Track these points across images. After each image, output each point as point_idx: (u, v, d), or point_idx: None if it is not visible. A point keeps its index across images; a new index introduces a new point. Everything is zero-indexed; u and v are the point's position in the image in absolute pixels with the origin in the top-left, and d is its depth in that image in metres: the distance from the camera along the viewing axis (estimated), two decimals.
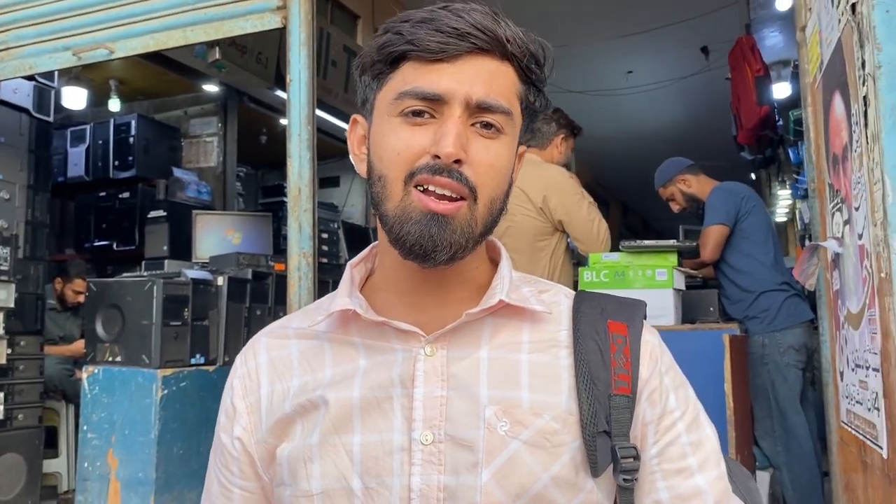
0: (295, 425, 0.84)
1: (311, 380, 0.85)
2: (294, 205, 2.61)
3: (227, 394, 0.92)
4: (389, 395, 0.81)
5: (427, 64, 0.78)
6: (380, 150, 0.82)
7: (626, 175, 12.28)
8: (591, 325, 0.84)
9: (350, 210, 7.14)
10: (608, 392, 0.80)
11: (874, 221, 1.44)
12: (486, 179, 0.79)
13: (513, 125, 0.83)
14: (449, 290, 0.86)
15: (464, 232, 0.79)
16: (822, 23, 1.88)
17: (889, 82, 1.34)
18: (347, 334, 0.86)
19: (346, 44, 5.86)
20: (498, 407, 0.78)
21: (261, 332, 0.95)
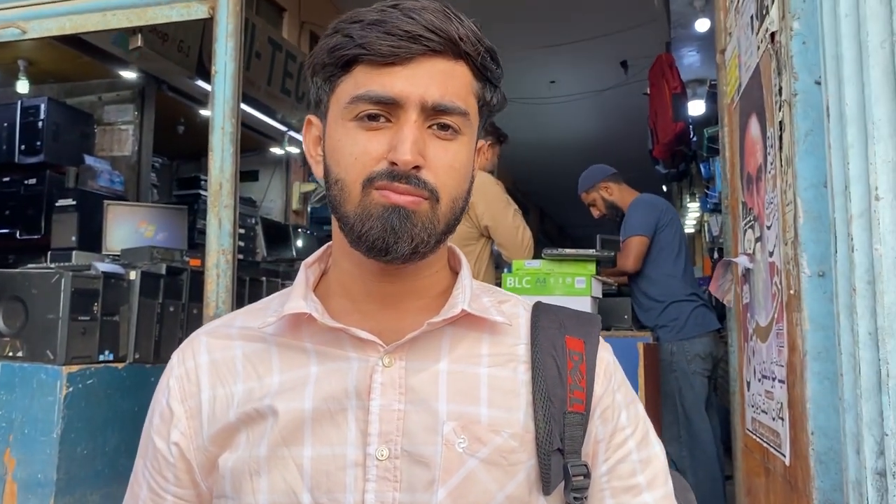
0: (239, 435, 0.79)
1: (257, 386, 0.81)
2: (214, 200, 2.54)
3: (161, 394, 0.87)
4: (343, 407, 0.78)
5: (379, 67, 0.77)
6: (336, 154, 0.80)
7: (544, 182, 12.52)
8: (550, 340, 0.84)
9: (269, 206, 7.00)
10: (563, 409, 0.80)
11: (785, 240, 1.52)
12: (446, 180, 0.79)
13: (470, 125, 0.82)
14: (407, 298, 0.84)
15: (425, 227, 0.77)
16: (742, 47, 1.97)
17: (804, 109, 1.42)
18: (298, 339, 0.83)
19: (271, 36, 5.76)
20: (457, 423, 0.77)
21: (200, 331, 0.90)
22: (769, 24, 1.58)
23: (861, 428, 1.14)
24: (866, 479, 1.13)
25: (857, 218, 1.16)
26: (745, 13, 1.90)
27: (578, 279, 2.74)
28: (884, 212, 1.11)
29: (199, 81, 4.94)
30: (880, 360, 1.11)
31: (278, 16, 6.58)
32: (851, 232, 1.17)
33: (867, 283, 1.14)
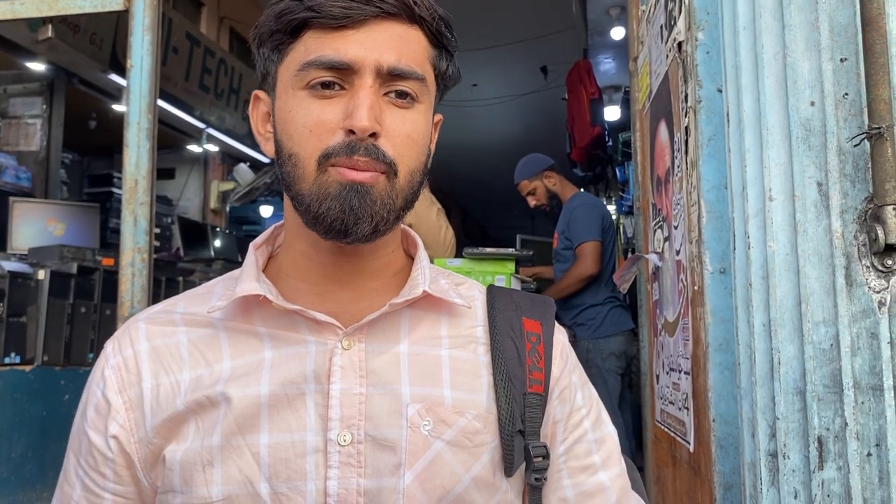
0: (187, 425, 0.75)
1: (206, 373, 0.76)
2: (130, 197, 2.48)
3: (95, 386, 0.80)
4: (301, 392, 0.74)
5: (331, 31, 0.73)
6: (288, 128, 0.75)
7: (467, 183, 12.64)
8: (507, 321, 0.83)
9: (186, 204, 6.84)
10: (523, 390, 0.80)
11: (690, 239, 1.60)
12: (403, 151, 0.75)
13: (428, 92, 0.79)
14: (364, 278, 0.81)
15: (384, 203, 0.74)
16: (652, 56, 2.06)
17: (707, 115, 1.50)
18: (249, 323, 0.79)
19: (189, 31, 5.63)
20: (421, 405, 0.75)
21: (136, 318, 0.83)
22: (677, 34, 1.67)
23: (756, 413, 1.22)
24: (760, 461, 1.21)
25: (752, 217, 1.24)
26: (655, 23, 1.99)
27: (498, 277, 2.80)
28: (777, 211, 1.20)
29: (112, 75, 4.78)
30: (772, 350, 1.19)
31: (196, 11, 6.44)
32: (748, 230, 1.25)
33: (762, 278, 1.22)
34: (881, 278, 1.12)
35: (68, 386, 3.26)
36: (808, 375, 1.14)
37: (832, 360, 1.13)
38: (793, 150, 1.19)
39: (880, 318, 1.11)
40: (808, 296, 1.15)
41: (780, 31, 1.21)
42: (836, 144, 1.15)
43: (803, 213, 1.17)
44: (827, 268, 1.15)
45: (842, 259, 1.13)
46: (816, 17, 1.18)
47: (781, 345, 1.17)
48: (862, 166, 1.14)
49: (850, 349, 1.11)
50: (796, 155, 1.18)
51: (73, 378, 3.29)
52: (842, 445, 1.11)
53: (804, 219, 1.17)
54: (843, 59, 1.17)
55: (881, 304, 1.12)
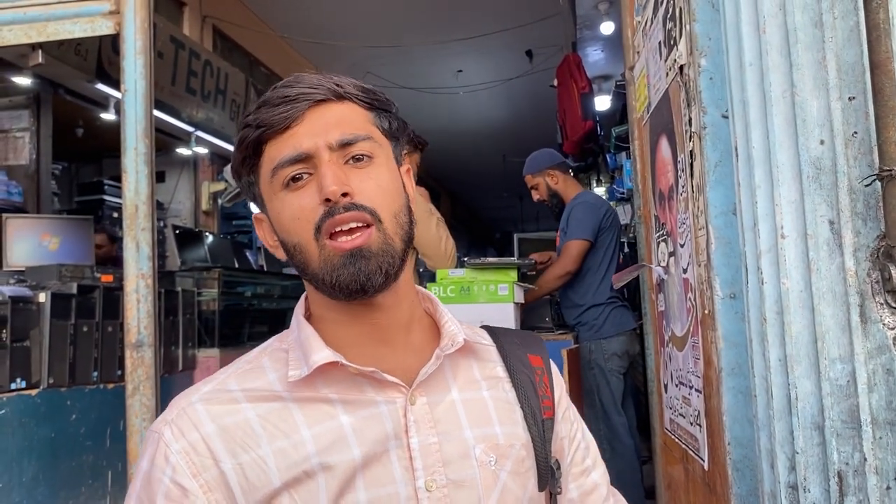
0: (282, 498, 0.79)
1: (287, 444, 0.81)
2: (131, 223, 2.48)
3: (160, 473, 0.81)
4: (386, 449, 0.82)
5: (282, 135, 0.84)
6: (283, 225, 0.86)
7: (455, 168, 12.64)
8: (518, 359, 0.95)
9: (177, 207, 6.81)
10: (541, 418, 0.92)
11: (699, 262, 1.62)
12: (378, 200, 0.84)
13: (380, 147, 0.88)
14: (398, 334, 0.89)
15: (385, 252, 0.83)
16: (650, 69, 2.07)
17: (713, 142, 1.52)
18: (315, 390, 0.84)
19: (172, 34, 5.58)
20: (484, 445, 0.86)
21: (187, 399, 0.85)
22: (677, 57, 1.68)
23: (774, 445, 1.25)
24: (780, 493, 1.24)
25: (765, 253, 1.26)
26: (652, 37, 2.00)
27: (501, 286, 2.82)
28: (790, 249, 1.22)
29: (98, 84, 4.74)
30: (789, 385, 1.21)
31: (178, 12, 6.38)
32: (761, 265, 1.27)
33: (776, 313, 1.24)
34: (895, 315, 1.14)
35: (75, 406, 3.27)
36: (825, 411, 1.16)
37: (849, 397, 1.15)
38: (804, 187, 1.20)
39: (895, 354, 1.13)
40: (823, 333, 1.17)
41: (787, 69, 1.23)
42: (847, 183, 1.17)
43: (816, 251, 1.19)
44: (841, 305, 1.17)
45: (856, 297, 1.15)
46: (824, 56, 1.19)
47: (798, 380, 1.20)
48: (873, 205, 1.16)
49: (866, 385, 1.14)
50: (807, 193, 1.20)
51: (79, 398, 3.30)
52: (861, 480, 1.14)
53: (817, 257, 1.18)
54: (852, 97, 1.18)
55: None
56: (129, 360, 2.46)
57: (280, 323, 5.70)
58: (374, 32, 7.88)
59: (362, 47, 8.19)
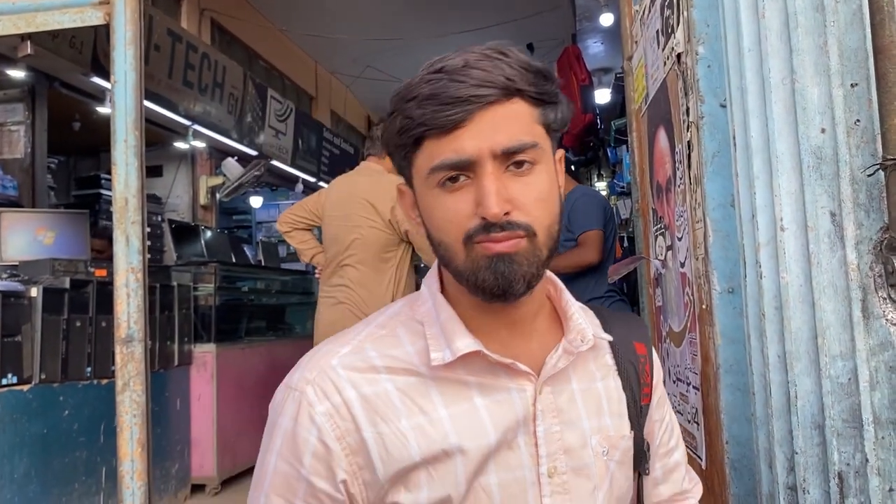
0: (419, 473, 0.83)
1: (425, 423, 0.84)
2: (121, 216, 2.43)
3: (305, 431, 0.84)
4: (515, 435, 0.86)
5: (446, 135, 0.81)
6: (432, 221, 0.85)
7: None
8: (625, 348, 0.97)
9: (175, 202, 6.78)
10: (640, 405, 0.96)
11: (696, 255, 1.58)
12: (537, 214, 0.83)
13: (543, 151, 0.85)
14: (528, 323, 0.91)
15: (531, 262, 0.82)
16: (648, 59, 2.02)
17: (711, 132, 1.47)
18: (454, 372, 0.86)
19: (170, 27, 5.53)
20: (599, 436, 0.90)
21: (329, 362, 0.87)
22: (675, 45, 1.63)
23: (773, 445, 1.21)
24: (779, 494, 1.19)
25: (764, 246, 1.22)
26: (650, 26, 1.95)
27: None
28: (789, 241, 1.17)
29: (94, 78, 4.70)
30: (789, 383, 1.17)
31: (176, 5, 6.34)
32: (759, 259, 1.22)
33: (775, 308, 1.20)
34: None
35: (68, 402, 3.23)
36: (826, 410, 1.12)
37: (850, 395, 1.11)
38: (804, 178, 1.16)
39: None
40: (824, 329, 1.13)
41: (787, 55, 1.18)
42: (849, 173, 1.12)
43: (817, 243, 1.14)
44: (843, 300, 1.12)
45: (858, 291, 1.11)
46: (825, 41, 1.15)
47: (798, 378, 1.16)
48: (876, 195, 1.12)
49: (868, 383, 1.10)
50: (808, 183, 1.15)
51: (72, 394, 3.26)
52: (863, 481, 1.10)
53: (818, 250, 1.14)
54: (854, 84, 1.14)
55: None
56: (118, 355, 2.42)
57: (279, 318, 5.66)
58: (373, 26, 7.84)
59: (362, 41, 8.14)
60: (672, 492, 1.03)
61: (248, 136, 6.90)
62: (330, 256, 3.32)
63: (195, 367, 4.23)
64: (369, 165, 3.31)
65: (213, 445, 4.18)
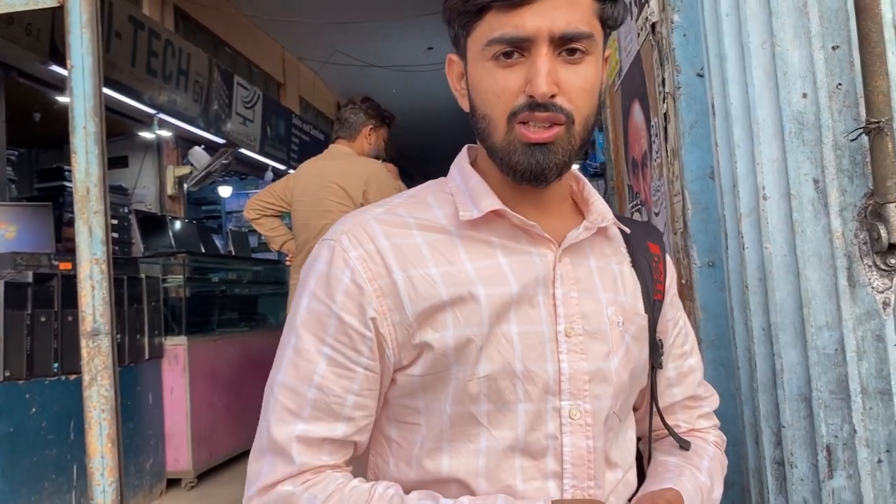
0: (445, 314, 0.87)
1: (453, 270, 0.89)
2: (82, 206, 2.35)
3: (339, 272, 0.89)
4: (535, 293, 0.89)
5: (510, 10, 0.83)
6: (480, 93, 0.88)
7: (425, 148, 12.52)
8: (640, 244, 1.02)
9: (142, 192, 6.63)
10: (653, 298, 1.00)
11: (674, 230, 1.55)
12: (579, 103, 0.86)
13: (596, 44, 0.88)
14: (552, 203, 0.95)
15: (565, 152, 0.86)
16: (621, 32, 1.98)
17: (688, 102, 1.44)
18: (479, 232, 0.91)
19: (131, 14, 5.38)
20: (615, 308, 0.94)
21: (364, 217, 0.93)
22: (649, 14, 1.59)
23: (759, 419, 1.18)
24: (766, 469, 1.17)
25: (745, 216, 1.19)
26: None
27: None
28: (772, 210, 1.14)
29: (53, 66, 4.55)
30: (774, 355, 1.14)
31: None
32: (741, 229, 1.19)
33: (759, 279, 1.17)
34: (884, 277, 1.08)
35: (35, 399, 3.14)
36: (813, 382, 1.10)
37: (837, 365, 1.09)
38: (786, 145, 1.13)
39: (885, 319, 1.07)
40: (809, 299, 1.10)
41: (766, 18, 1.14)
42: (832, 139, 1.09)
43: (800, 212, 1.11)
44: (828, 269, 1.10)
45: (843, 259, 1.08)
46: (805, 3, 1.12)
47: (783, 350, 1.13)
48: (860, 161, 1.09)
49: (855, 353, 1.07)
50: (790, 150, 1.12)
51: (38, 391, 3.17)
52: (851, 453, 1.07)
53: (801, 218, 1.11)
54: (835, 46, 1.10)
55: (885, 304, 1.07)
56: (84, 349, 2.34)
57: (251, 309, 5.58)
58: (342, 9, 7.71)
59: (330, 24, 8.01)
60: (686, 394, 1.06)
61: (215, 125, 6.76)
62: (300, 243, 3.25)
63: (167, 360, 4.14)
64: (339, 148, 3.24)
65: (187, 439, 4.10)
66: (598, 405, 0.90)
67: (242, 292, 5.52)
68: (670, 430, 1.04)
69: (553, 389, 0.88)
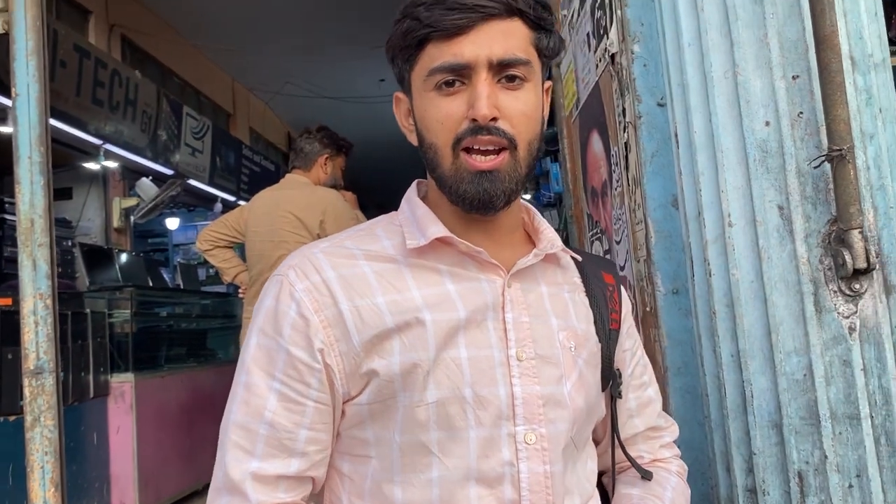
0: (392, 341, 0.88)
1: (399, 298, 0.89)
2: (26, 239, 2.26)
3: (286, 307, 0.90)
4: (485, 318, 0.91)
5: (448, 40, 0.87)
6: (425, 123, 0.91)
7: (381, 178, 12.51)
8: (594, 274, 1.04)
9: (87, 225, 6.45)
10: (608, 327, 1.01)
11: (637, 258, 1.55)
12: (521, 128, 0.89)
13: (534, 71, 0.91)
14: (501, 233, 0.97)
15: (511, 179, 0.88)
16: (579, 63, 2.00)
17: (649, 132, 1.45)
18: (427, 260, 0.93)
19: (77, 42, 5.27)
20: (566, 332, 0.94)
21: (310, 250, 0.95)
22: (609, 45, 1.61)
23: (730, 447, 1.18)
24: (738, 497, 1.16)
25: (712, 243, 1.19)
26: (580, 30, 1.94)
27: None
28: (738, 237, 1.15)
29: None
30: (744, 382, 1.14)
31: (83, 20, 6.06)
32: (707, 256, 1.20)
33: (726, 306, 1.17)
34: (850, 302, 1.09)
35: None
36: (783, 408, 1.10)
37: (807, 391, 1.09)
38: (750, 172, 1.14)
39: (852, 344, 1.08)
40: (777, 325, 1.11)
41: (728, 48, 1.16)
42: (795, 166, 1.11)
43: (766, 238, 1.12)
44: (795, 294, 1.11)
45: (809, 285, 1.09)
46: (765, 34, 1.14)
47: (753, 377, 1.13)
48: (823, 187, 1.10)
49: (824, 378, 1.08)
50: (755, 178, 1.13)
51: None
52: (822, 479, 1.07)
53: (767, 244, 1.12)
54: (796, 76, 1.13)
55: (851, 329, 1.08)
56: (27, 388, 2.24)
57: (201, 344, 5.44)
58: (293, 40, 7.70)
59: (281, 56, 7.99)
60: (647, 425, 1.07)
61: (164, 155, 6.65)
62: (254, 274, 3.18)
63: (112, 398, 3.99)
64: (295, 178, 3.20)
65: (133, 480, 3.95)
66: (553, 430, 0.90)
67: (191, 326, 5.37)
68: (632, 462, 1.04)
69: (507, 414, 0.89)
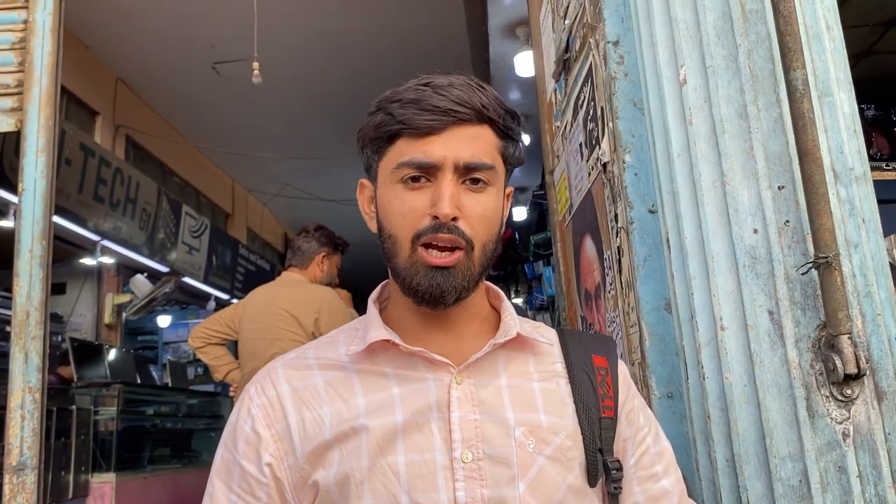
0: (332, 452, 0.89)
1: (343, 408, 0.91)
2: (20, 331, 2.26)
3: (243, 422, 0.94)
4: (427, 420, 0.90)
5: (419, 138, 0.90)
6: (387, 213, 0.93)
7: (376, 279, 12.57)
8: (580, 358, 1.00)
9: (77, 321, 6.43)
10: (598, 415, 0.96)
11: (632, 360, 1.56)
12: (479, 229, 0.91)
13: (497, 176, 0.94)
14: (460, 326, 0.97)
15: (464, 276, 0.90)
16: (571, 171, 2.08)
17: (641, 237, 1.49)
18: (376, 364, 0.94)
19: (83, 142, 5.42)
20: (524, 428, 0.91)
21: (275, 363, 0.99)
22: (601, 155, 1.68)
23: None
24: None
25: (704, 346, 1.21)
26: (573, 140, 2.02)
27: None
28: (730, 341, 1.17)
29: None
30: (740, 487, 1.14)
31: (90, 120, 6.25)
32: (701, 360, 1.21)
33: (720, 409, 1.18)
34: (842, 408, 1.10)
35: None
36: None
37: (803, 498, 1.08)
38: (741, 277, 1.17)
39: (846, 450, 1.08)
40: (771, 429, 1.11)
41: (716, 159, 1.22)
42: (784, 272, 1.14)
43: (758, 342, 1.14)
44: (787, 399, 1.12)
45: (801, 390, 1.11)
46: (751, 146, 1.20)
47: (748, 482, 1.12)
48: (811, 293, 1.13)
49: (819, 485, 1.07)
50: (745, 283, 1.17)
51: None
52: None
53: (759, 349, 1.14)
54: (781, 186, 1.18)
55: (845, 434, 1.09)
56: (7, 485, 2.18)
57: (185, 444, 5.31)
58: (291, 145, 7.92)
59: (279, 159, 8.19)
60: None
61: (160, 253, 6.70)
62: (247, 372, 3.16)
63: (92, 499, 3.88)
64: (291, 276, 3.23)
65: None
66: None
67: (176, 426, 5.28)
68: None
69: None
